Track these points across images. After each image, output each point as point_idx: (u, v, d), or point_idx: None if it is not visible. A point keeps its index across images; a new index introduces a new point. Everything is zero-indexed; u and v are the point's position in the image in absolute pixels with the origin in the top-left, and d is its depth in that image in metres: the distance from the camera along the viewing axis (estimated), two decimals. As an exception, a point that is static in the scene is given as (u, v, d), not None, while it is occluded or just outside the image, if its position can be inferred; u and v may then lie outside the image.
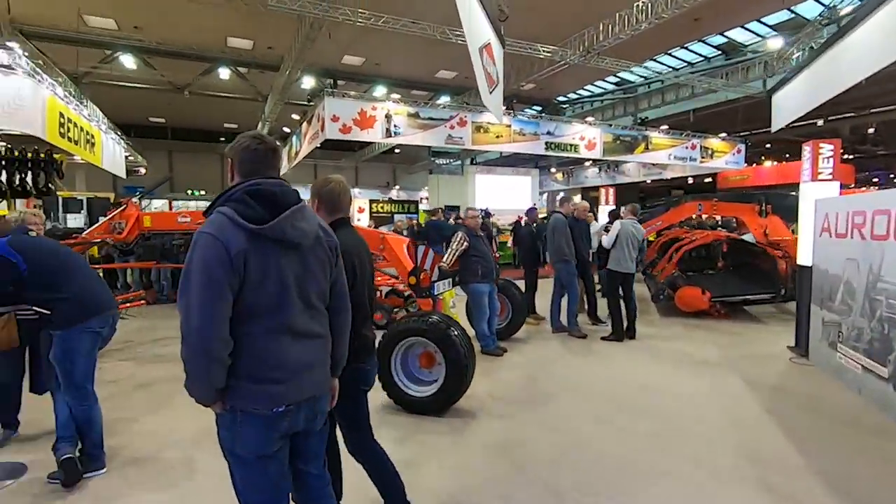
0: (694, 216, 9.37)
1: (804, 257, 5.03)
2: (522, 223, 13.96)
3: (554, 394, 4.16)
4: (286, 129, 19.09)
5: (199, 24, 12.43)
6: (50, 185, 8.32)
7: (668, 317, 6.98)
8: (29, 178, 8.21)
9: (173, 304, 8.49)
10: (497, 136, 13.19)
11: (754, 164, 17.46)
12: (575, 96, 20.27)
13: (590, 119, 16.51)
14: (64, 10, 11.41)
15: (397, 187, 26.09)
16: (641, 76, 16.95)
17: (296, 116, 16.78)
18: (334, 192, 2.13)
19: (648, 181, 20.64)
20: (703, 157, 15.63)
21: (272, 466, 1.58)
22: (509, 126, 13.12)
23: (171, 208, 18.66)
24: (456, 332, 3.66)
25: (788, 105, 9.99)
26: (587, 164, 22.05)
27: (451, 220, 13.19)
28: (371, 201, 18.28)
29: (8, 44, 8.30)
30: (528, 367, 4.87)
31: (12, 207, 8.66)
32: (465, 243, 4.91)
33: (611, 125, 15.01)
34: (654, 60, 15.32)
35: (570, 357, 5.21)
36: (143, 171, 16.93)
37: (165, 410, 3.90)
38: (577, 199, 25.06)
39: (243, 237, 1.45)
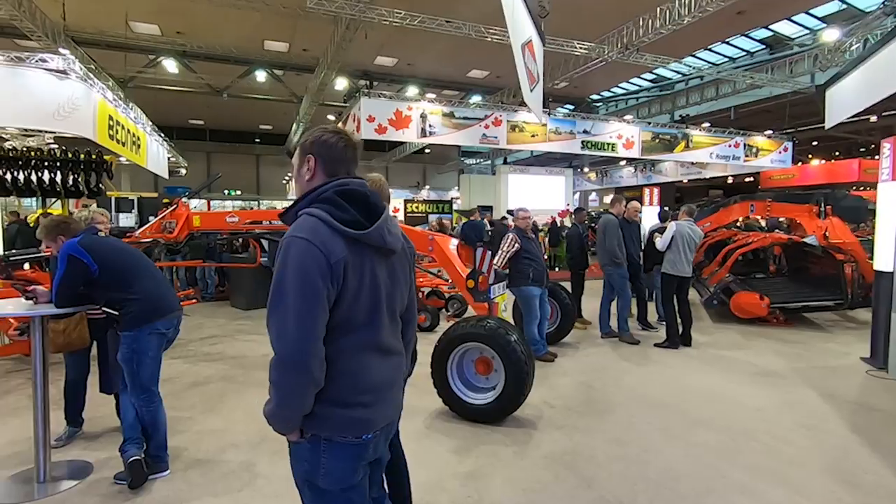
0: (741, 218, 8.95)
1: (882, 262, 4.68)
2: (557, 223, 13.76)
3: (615, 403, 3.97)
4: (320, 130, 19.25)
5: (238, 29, 12.67)
6: (101, 185, 8.55)
7: (721, 323, 6.66)
8: (81, 179, 8.44)
9: (218, 302, 8.65)
10: (532, 136, 12.96)
11: (800, 163, 16.66)
12: (609, 94, 19.81)
13: (628, 117, 16.08)
14: (112, 17, 11.79)
15: (427, 187, 26.08)
16: (679, 72, 16.43)
17: (331, 117, 16.93)
18: (377, 183, 1.98)
19: (685, 181, 19.99)
20: (747, 156, 15.03)
21: (356, 497, 1.42)
22: (545, 125, 12.87)
23: (209, 208, 19.08)
24: (515, 338, 3.52)
25: (844, 100, 9.45)
26: (622, 163, 21.54)
27: (486, 221, 13.05)
28: (406, 201, 18.28)
29: (61, 50, 8.56)
30: (582, 373, 4.69)
31: (66, 208, 8.94)
32: (517, 245, 4.76)
33: (649, 123, 14.58)
34: (693, 56, 14.81)
35: (626, 364, 5.00)
36: (183, 171, 17.37)
37: (220, 410, 3.88)
38: (610, 198, 24.60)
39: (342, 243, 1.30)
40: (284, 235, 1.31)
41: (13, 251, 4.80)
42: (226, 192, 25.01)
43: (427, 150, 25.42)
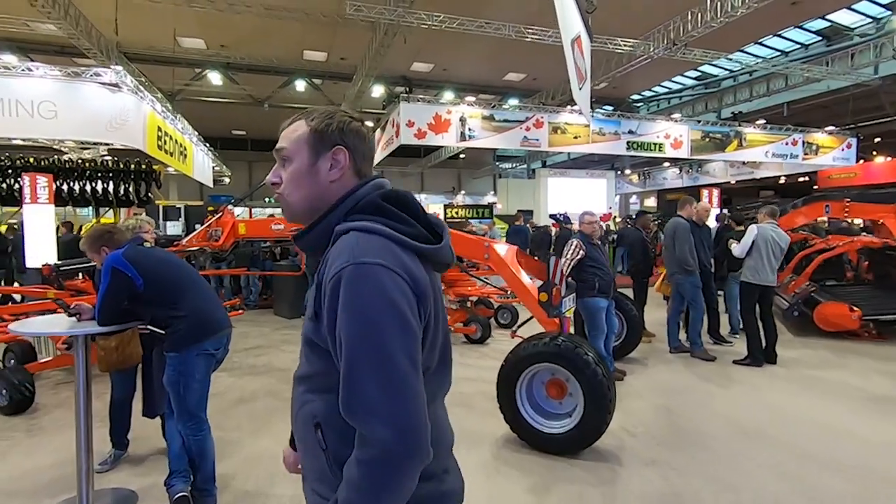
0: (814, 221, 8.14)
1: None
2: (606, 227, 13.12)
3: (706, 433, 3.44)
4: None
5: (279, 40, 12.75)
6: (150, 194, 8.59)
7: (804, 337, 5.95)
8: (131, 188, 8.50)
9: (261, 310, 8.49)
10: (575, 137, 12.40)
11: (862, 160, 15.39)
12: (650, 94, 18.97)
13: (676, 115, 15.26)
14: (161, 33, 12.09)
15: (462, 192, 25.73)
16: (726, 68, 15.49)
17: (370, 124, 16.84)
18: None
19: (733, 182, 18.88)
20: (805, 154, 13.96)
21: None
22: (588, 126, 12.29)
23: (251, 216, 19.31)
24: (592, 357, 3.07)
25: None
26: (665, 164, 20.57)
27: (528, 226, 12.55)
28: (445, 206, 17.94)
29: (113, 66, 8.67)
30: (659, 395, 4.16)
31: (118, 217, 9.04)
32: (581, 252, 4.28)
33: (699, 121, 13.74)
34: (742, 51, 13.91)
35: (706, 385, 4.43)
36: (227, 180, 17.67)
37: (269, 431, 3.58)
38: (652, 202, 23.49)
39: (419, 266, 0.92)
40: (332, 264, 0.87)
41: (64, 261, 4.68)
42: (266, 199, 25.38)
43: (462, 156, 25.09)
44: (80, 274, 4.66)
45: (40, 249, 6.59)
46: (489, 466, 3.01)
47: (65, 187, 8.57)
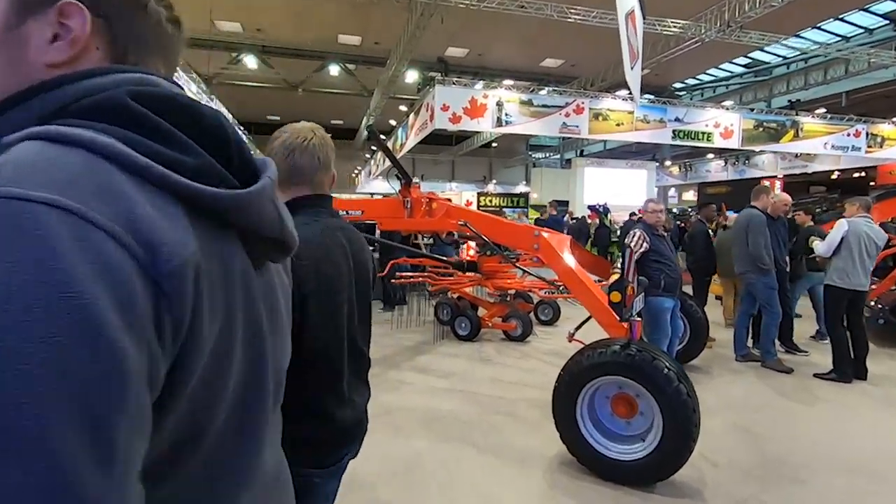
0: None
1: None
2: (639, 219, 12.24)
3: (800, 464, 2.82)
4: (392, 122, 18.93)
5: (314, 23, 12.47)
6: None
7: (890, 348, 5.16)
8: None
9: None
10: (617, 125, 11.57)
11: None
12: (695, 81, 17.76)
13: (727, 103, 14.17)
14: (198, 15, 11.90)
15: (494, 182, 25.04)
16: (779, 55, 14.24)
17: (403, 108, 16.49)
18: (308, 137, 1.16)
19: (781, 175, 17.58)
20: (869, 147, 12.71)
21: None
22: (631, 112, 11.45)
23: (283, 201, 19.32)
24: (674, 370, 2.50)
25: None
26: (709, 156, 19.34)
27: (567, 218, 11.86)
28: (479, 194, 17.34)
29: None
30: (735, 412, 3.53)
31: None
32: (645, 244, 3.67)
33: (752, 109, 12.67)
34: (798, 36, 12.69)
35: (785, 402, 3.77)
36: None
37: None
38: (691, 195, 22.28)
39: (182, 226, 0.41)
40: None
41: None
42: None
43: (494, 144, 24.38)
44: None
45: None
46: (544, 496, 2.49)
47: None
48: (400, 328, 5.77)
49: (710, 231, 5.22)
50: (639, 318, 2.85)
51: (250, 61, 14.41)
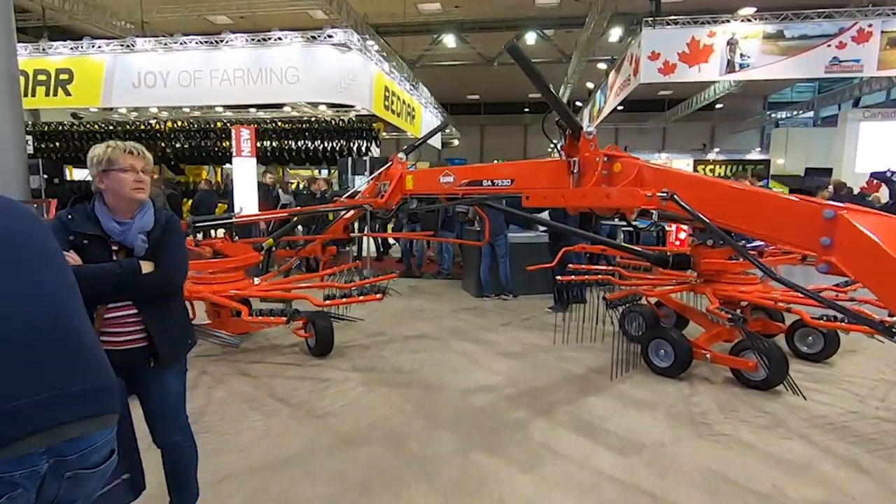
0: None
1: None
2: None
3: None
4: (589, 85, 16.53)
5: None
6: (369, 150, 8.30)
7: None
8: (351, 145, 8.35)
9: (450, 281, 6.62)
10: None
11: None
12: None
13: None
14: (400, 1, 11.77)
15: (716, 150, 19.89)
16: None
17: (602, 66, 13.99)
18: None
19: None
20: None
21: None
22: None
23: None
24: None
25: None
26: None
27: (830, 188, 7.97)
28: (695, 162, 13.70)
29: (342, 28, 8.35)
30: None
31: (332, 173, 9.13)
32: None
33: None
34: None
35: None
36: (456, 142, 17.50)
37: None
38: None
39: None
40: None
41: (200, 216, 4.15)
42: (497, 160, 24.87)
43: (718, 106, 19.19)
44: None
45: (245, 201, 6.72)
46: None
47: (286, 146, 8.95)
48: (567, 341, 4.01)
49: None
50: None
51: (449, 40, 14.12)
